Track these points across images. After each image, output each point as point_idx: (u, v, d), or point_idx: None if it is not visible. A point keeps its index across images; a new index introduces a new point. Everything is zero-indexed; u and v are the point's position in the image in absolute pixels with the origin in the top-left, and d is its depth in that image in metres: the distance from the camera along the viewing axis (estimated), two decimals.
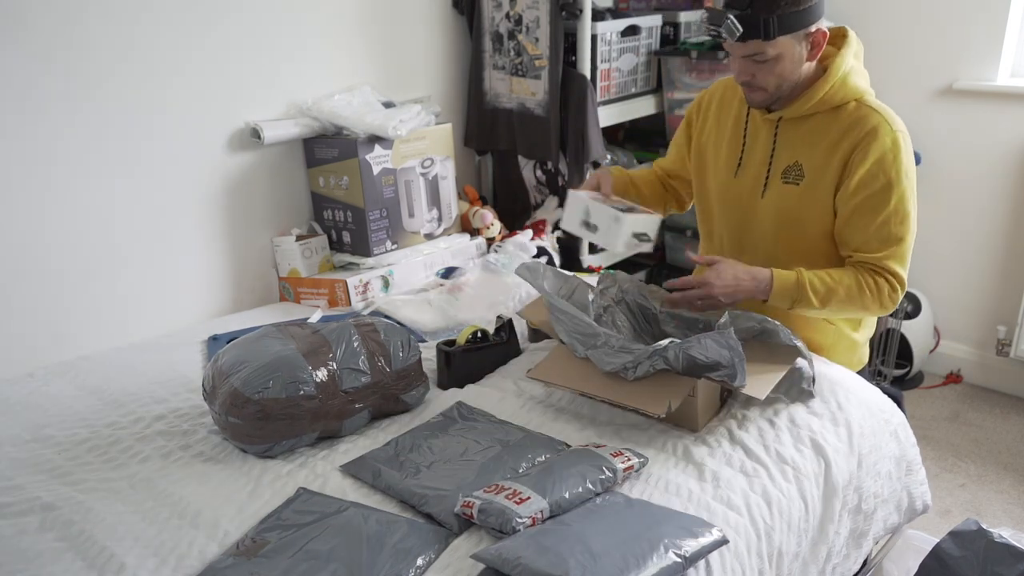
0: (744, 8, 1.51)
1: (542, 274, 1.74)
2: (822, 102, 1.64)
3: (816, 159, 1.66)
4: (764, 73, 1.60)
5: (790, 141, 1.70)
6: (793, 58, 1.58)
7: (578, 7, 2.45)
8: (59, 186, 1.91)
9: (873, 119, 1.61)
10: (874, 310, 1.65)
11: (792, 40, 1.55)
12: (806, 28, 1.55)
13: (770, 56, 1.56)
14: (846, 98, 1.64)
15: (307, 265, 2.30)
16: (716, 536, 1.24)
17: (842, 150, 1.63)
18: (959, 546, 1.48)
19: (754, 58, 1.58)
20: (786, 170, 1.70)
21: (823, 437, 1.54)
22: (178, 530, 1.32)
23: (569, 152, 2.59)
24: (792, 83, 1.62)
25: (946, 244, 2.91)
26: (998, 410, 2.82)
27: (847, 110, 1.64)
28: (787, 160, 1.70)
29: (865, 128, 1.61)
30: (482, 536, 1.27)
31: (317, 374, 1.52)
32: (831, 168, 1.64)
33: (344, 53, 2.39)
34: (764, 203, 1.74)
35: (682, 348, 1.46)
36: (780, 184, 1.71)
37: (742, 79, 1.63)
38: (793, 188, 1.69)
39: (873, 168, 1.60)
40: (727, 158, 1.80)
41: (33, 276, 1.91)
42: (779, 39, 1.54)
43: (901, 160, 1.60)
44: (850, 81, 1.64)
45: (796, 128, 1.69)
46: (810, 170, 1.67)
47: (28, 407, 1.72)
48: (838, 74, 1.62)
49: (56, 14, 1.82)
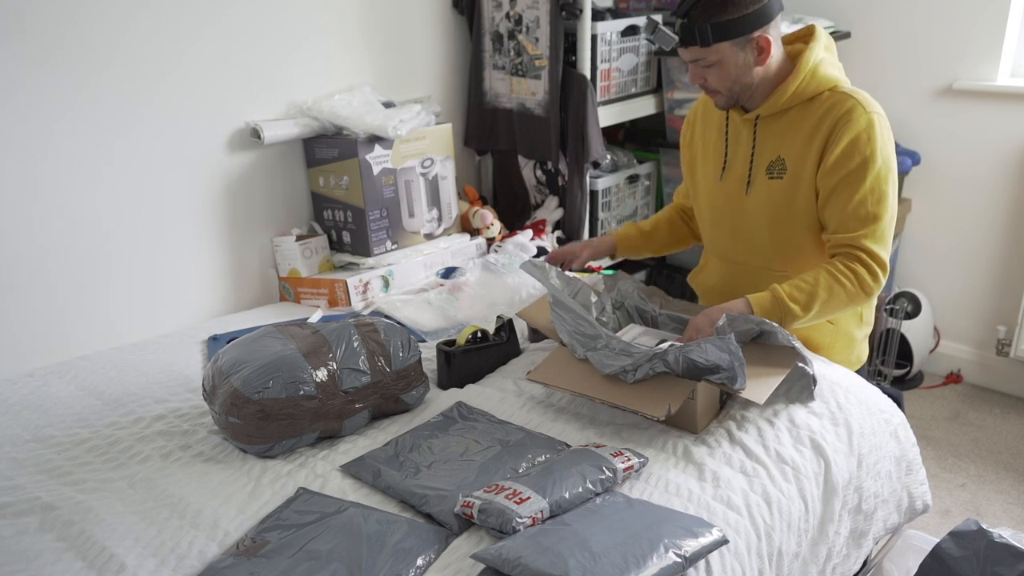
0: (682, 16, 1.60)
1: (548, 272, 1.75)
2: (795, 96, 1.68)
3: (796, 150, 1.69)
4: (713, 77, 1.67)
5: (769, 137, 1.73)
6: (737, 63, 1.64)
7: (578, 7, 2.45)
8: (58, 186, 1.91)
9: (847, 102, 1.65)
10: (861, 299, 1.64)
11: (733, 47, 1.62)
12: (746, 35, 1.60)
13: (712, 61, 1.63)
14: (819, 89, 1.67)
15: (307, 265, 2.30)
16: (716, 536, 1.24)
17: (820, 135, 1.66)
18: (959, 546, 1.49)
19: (699, 63, 1.65)
20: (769, 166, 1.73)
21: (823, 437, 1.55)
22: (178, 530, 1.32)
23: (569, 152, 2.59)
24: (746, 85, 1.67)
25: (946, 244, 2.91)
26: (998, 410, 2.82)
27: (821, 99, 1.68)
28: (769, 156, 1.73)
29: (840, 111, 1.64)
30: (482, 536, 1.27)
31: (317, 374, 1.52)
32: (811, 154, 1.67)
33: (344, 53, 2.39)
34: (750, 200, 1.77)
35: (682, 351, 1.46)
36: (765, 180, 1.74)
37: (696, 83, 1.70)
38: (778, 183, 1.72)
39: (848, 148, 1.62)
40: (713, 164, 1.85)
41: (33, 276, 1.91)
42: (718, 45, 1.61)
43: (876, 140, 1.63)
44: (820, 72, 1.67)
45: (774, 124, 1.72)
46: (792, 162, 1.70)
47: (28, 407, 1.72)
48: (807, 67, 1.66)
49: (53, 14, 1.82)
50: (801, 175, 1.69)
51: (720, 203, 1.84)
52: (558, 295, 1.68)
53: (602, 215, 2.76)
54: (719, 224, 1.87)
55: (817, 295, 1.61)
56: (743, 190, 1.78)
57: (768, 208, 1.74)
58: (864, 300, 1.66)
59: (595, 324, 1.59)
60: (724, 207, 1.83)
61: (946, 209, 2.87)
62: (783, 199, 1.72)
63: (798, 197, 1.70)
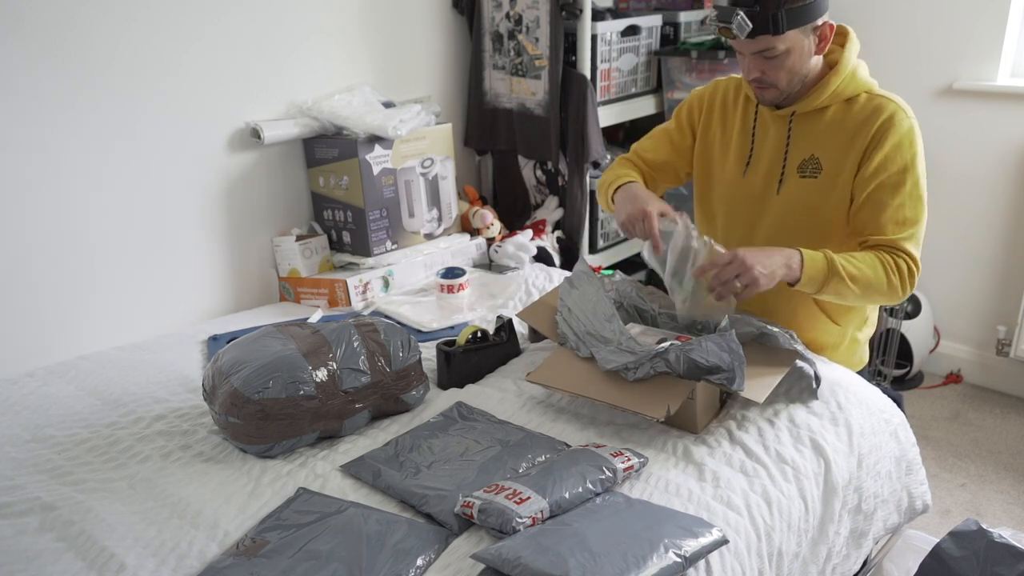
0: (752, 4, 1.53)
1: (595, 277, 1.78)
2: (834, 95, 1.66)
3: (834, 151, 1.68)
4: (774, 69, 1.62)
5: (805, 135, 1.71)
6: (802, 52, 1.60)
7: (578, 7, 2.45)
8: (58, 186, 1.91)
9: (889, 107, 1.64)
10: (897, 291, 1.61)
11: (800, 34, 1.58)
12: (813, 22, 1.57)
13: (780, 51, 1.58)
14: (857, 90, 1.67)
15: (307, 265, 2.30)
16: (716, 536, 1.24)
17: (861, 138, 1.65)
18: (959, 546, 1.48)
19: (764, 54, 1.59)
20: (802, 164, 1.71)
21: (823, 437, 1.54)
22: (178, 530, 1.32)
23: (569, 152, 2.59)
24: (801, 77, 1.65)
25: (946, 244, 2.91)
26: (998, 410, 2.82)
27: (859, 101, 1.67)
28: (803, 154, 1.71)
29: (883, 115, 1.64)
30: (482, 536, 1.27)
31: (317, 374, 1.52)
32: (851, 158, 1.66)
33: (344, 53, 2.39)
34: (780, 199, 1.74)
35: (683, 351, 1.46)
36: (797, 178, 1.72)
37: (752, 76, 1.64)
38: (811, 181, 1.70)
39: (891, 152, 1.62)
40: (735, 159, 1.80)
41: (32, 276, 1.91)
42: (788, 33, 1.56)
43: (916, 145, 1.64)
44: (858, 74, 1.68)
45: (811, 122, 1.70)
46: (828, 162, 1.68)
47: (28, 407, 1.72)
48: (848, 67, 1.66)
49: (53, 13, 1.82)
50: (838, 176, 1.67)
51: (740, 199, 1.80)
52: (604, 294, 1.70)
53: (602, 215, 2.76)
54: (734, 220, 1.82)
55: (864, 272, 1.58)
56: (773, 188, 1.74)
57: (797, 207, 1.72)
58: (898, 298, 1.64)
59: (618, 330, 1.60)
60: (745, 203, 1.79)
61: (946, 209, 2.86)
62: (814, 197, 1.70)
63: (832, 198, 1.68)
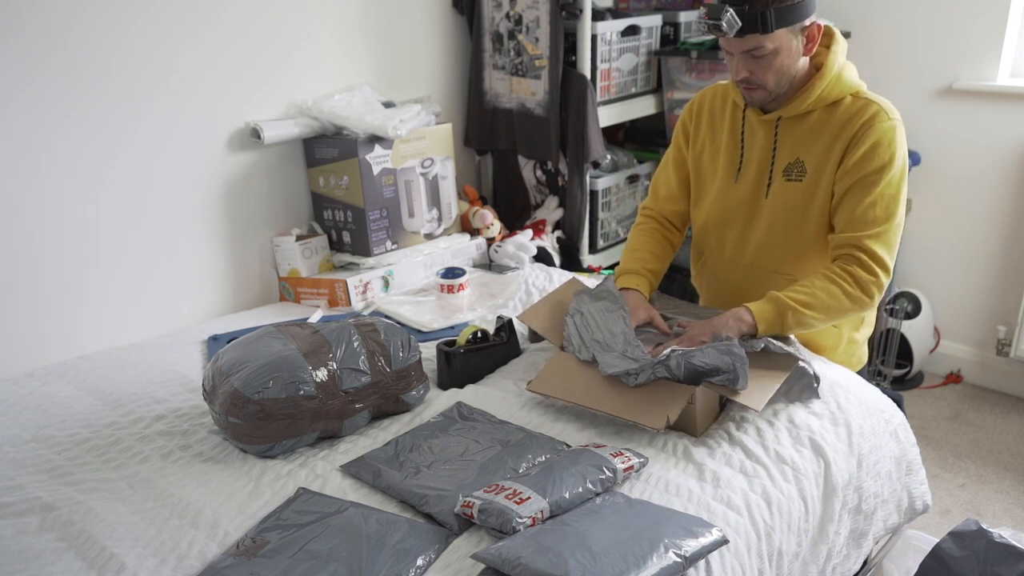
0: (742, 2, 1.53)
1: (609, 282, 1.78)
2: (820, 99, 1.66)
3: (818, 153, 1.68)
4: (762, 69, 1.62)
5: (791, 139, 1.72)
6: (790, 52, 1.60)
7: (578, 7, 2.45)
8: (59, 185, 1.91)
9: (872, 108, 1.65)
10: (862, 300, 1.62)
11: (788, 34, 1.58)
12: (801, 21, 1.58)
13: (768, 50, 1.58)
14: (842, 93, 1.67)
15: (307, 265, 2.30)
16: (716, 536, 1.24)
17: (842, 139, 1.65)
18: (959, 546, 1.48)
19: (752, 54, 1.60)
20: (787, 167, 1.72)
21: (823, 437, 1.55)
22: (178, 530, 1.32)
23: (569, 152, 2.59)
24: (789, 78, 1.65)
25: (946, 244, 2.91)
26: (998, 410, 2.82)
27: (844, 104, 1.67)
28: (788, 158, 1.72)
29: (865, 116, 1.64)
30: (482, 536, 1.27)
31: (317, 374, 1.52)
32: (832, 158, 1.67)
33: (344, 53, 2.39)
34: (768, 203, 1.75)
35: (684, 357, 1.47)
36: (783, 182, 1.73)
37: (740, 76, 1.64)
38: (796, 185, 1.71)
39: (869, 151, 1.62)
40: (726, 165, 1.81)
41: (32, 276, 1.91)
42: (776, 32, 1.56)
43: (895, 146, 1.63)
44: (844, 77, 1.67)
45: (796, 126, 1.71)
46: (812, 165, 1.69)
47: (28, 407, 1.72)
48: (833, 70, 1.66)
49: (53, 14, 1.82)
50: (820, 178, 1.68)
51: (733, 205, 1.81)
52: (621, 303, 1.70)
53: (602, 215, 2.76)
54: (728, 226, 1.84)
55: (817, 296, 1.60)
56: (761, 192, 1.76)
57: (784, 211, 1.73)
58: (867, 302, 1.63)
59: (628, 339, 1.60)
60: (737, 209, 1.81)
61: (946, 209, 2.86)
62: (800, 202, 1.71)
63: (816, 200, 1.69)
